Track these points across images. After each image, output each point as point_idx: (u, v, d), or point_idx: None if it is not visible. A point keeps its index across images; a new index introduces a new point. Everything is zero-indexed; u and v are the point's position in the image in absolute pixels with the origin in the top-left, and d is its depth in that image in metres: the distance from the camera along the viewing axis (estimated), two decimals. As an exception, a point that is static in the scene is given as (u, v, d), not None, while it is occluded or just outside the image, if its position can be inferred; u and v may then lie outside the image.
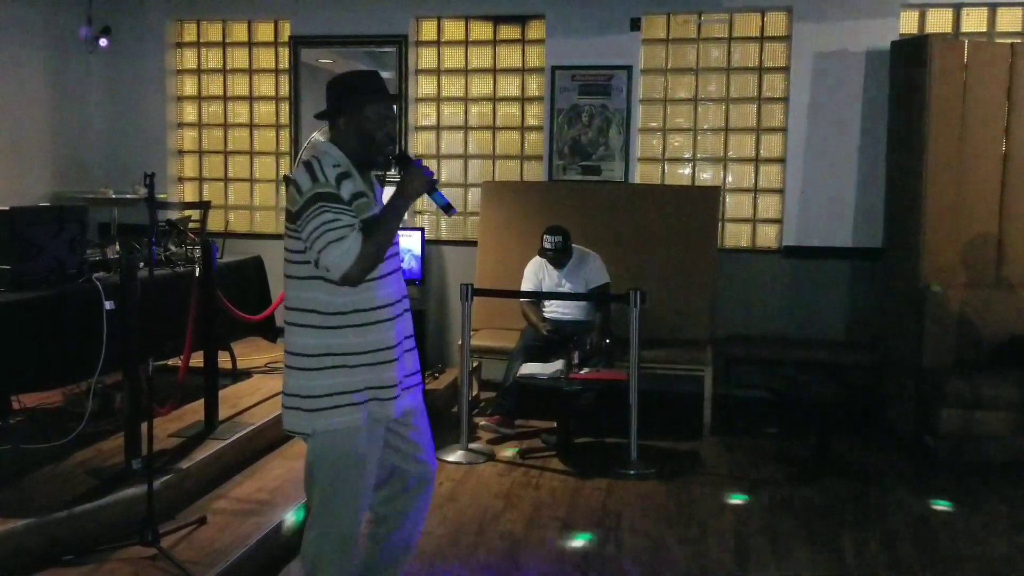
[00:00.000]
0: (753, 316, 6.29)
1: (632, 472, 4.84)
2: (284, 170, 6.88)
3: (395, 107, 2.66)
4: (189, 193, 7.20)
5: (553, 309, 5.66)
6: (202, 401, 4.56)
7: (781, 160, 6.34)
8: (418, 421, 2.82)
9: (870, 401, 5.80)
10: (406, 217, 3.08)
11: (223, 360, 5.00)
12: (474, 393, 5.93)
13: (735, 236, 6.47)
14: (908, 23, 6.11)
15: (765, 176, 6.41)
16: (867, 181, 6.13)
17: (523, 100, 6.70)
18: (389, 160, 2.66)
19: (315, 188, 2.48)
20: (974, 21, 6.05)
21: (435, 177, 2.64)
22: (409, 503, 2.83)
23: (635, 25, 6.34)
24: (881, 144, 6.04)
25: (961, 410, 5.07)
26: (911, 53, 5.64)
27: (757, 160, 6.41)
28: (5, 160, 6.22)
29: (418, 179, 2.59)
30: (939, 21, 6.10)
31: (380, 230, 2.50)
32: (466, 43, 6.73)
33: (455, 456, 5.00)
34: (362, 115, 2.57)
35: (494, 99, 6.74)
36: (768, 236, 6.43)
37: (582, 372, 5.10)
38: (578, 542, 3.97)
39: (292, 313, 2.62)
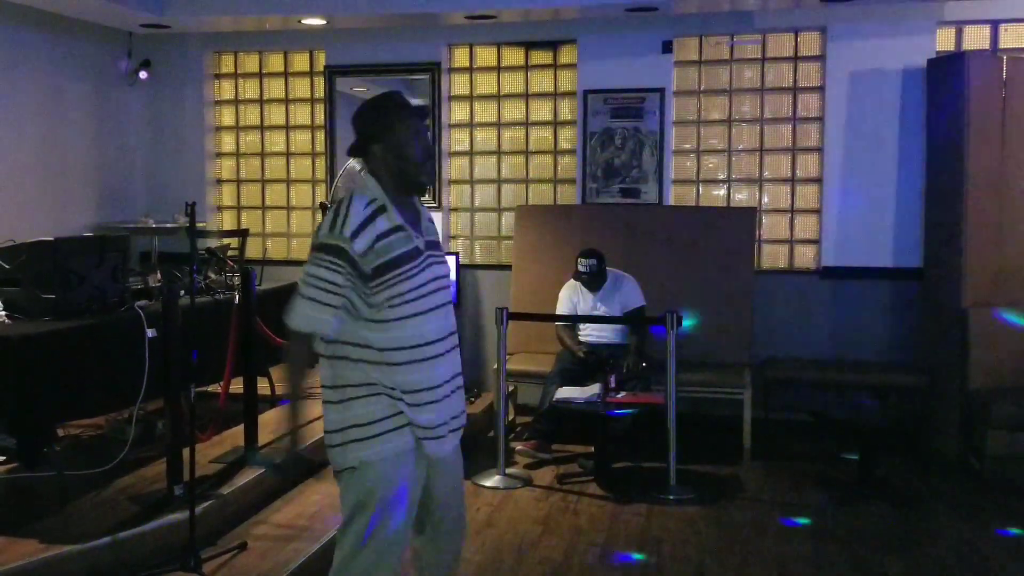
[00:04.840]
0: (792, 338, 6.22)
1: (671, 497, 4.79)
2: (320, 197, 6.95)
3: (426, 121, 2.56)
4: (227, 221, 7.30)
5: (589, 332, 5.64)
6: (242, 427, 4.59)
7: (818, 180, 6.28)
8: (455, 470, 2.72)
9: (913, 424, 5.69)
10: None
11: (262, 386, 5.04)
12: (510, 418, 5.91)
13: (772, 257, 6.42)
14: (945, 40, 6.05)
15: (802, 196, 6.36)
16: (906, 200, 6.05)
17: (556, 124, 6.73)
18: (433, 176, 2.59)
19: (326, 238, 2.42)
20: (1012, 37, 5.98)
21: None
22: (440, 554, 2.73)
23: (667, 48, 6.35)
24: (919, 163, 5.97)
25: (1008, 432, 4.97)
26: (948, 70, 5.59)
27: (793, 180, 6.37)
28: (49, 191, 6.35)
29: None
30: (976, 37, 6.03)
31: (293, 363, 2.50)
32: (498, 69, 6.78)
33: (492, 481, 4.98)
34: (394, 135, 2.48)
35: (527, 124, 6.77)
36: (806, 256, 6.37)
37: (619, 396, 5.07)
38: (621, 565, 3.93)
39: (324, 345, 2.52)
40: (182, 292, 4.01)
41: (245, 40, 7.07)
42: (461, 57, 6.82)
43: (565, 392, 5.19)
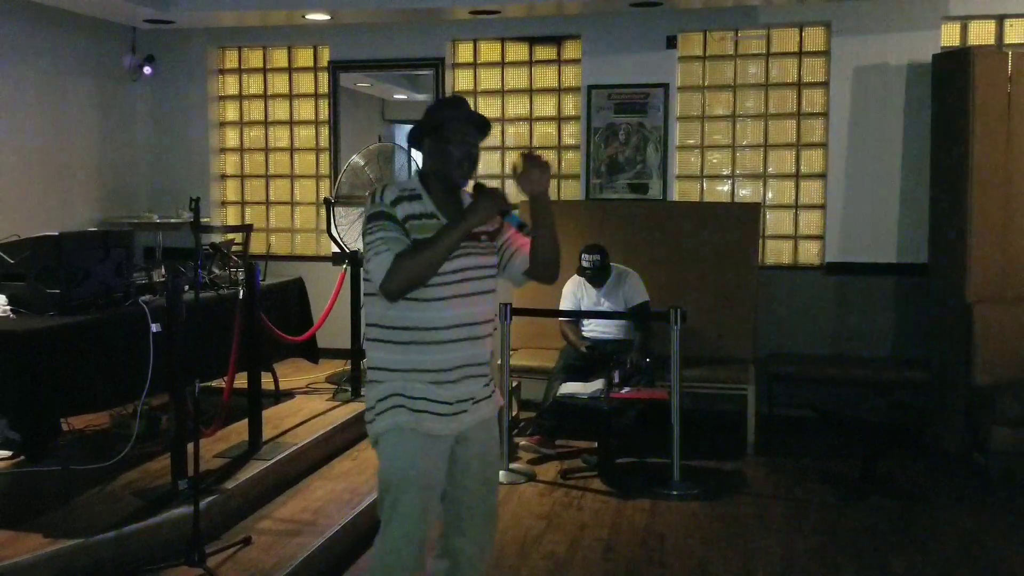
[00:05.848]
0: (796, 334, 6.22)
1: (675, 492, 4.78)
2: (324, 193, 6.96)
3: (477, 133, 2.69)
4: (231, 217, 7.31)
5: (592, 328, 5.64)
6: (246, 422, 4.60)
7: (822, 175, 6.27)
8: (486, 457, 2.76)
9: (918, 419, 5.68)
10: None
11: (266, 381, 5.04)
12: (514, 413, 5.91)
13: (776, 253, 6.41)
14: (950, 36, 6.03)
15: (806, 192, 6.35)
16: (911, 196, 6.04)
17: (559, 119, 6.72)
18: (466, 178, 2.68)
19: (370, 210, 2.60)
20: (1018, 32, 5.95)
21: (509, 202, 2.70)
22: (472, 545, 2.78)
23: (671, 43, 6.34)
24: (924, 158, 5.96)
25: (1012, 428, 4.96)
26: (953, 66, 5.57)
27: (798, 176, 6.35)
28: (53, 186, 6.36)
29: (487, 200, 2.63)
30: (982, 33, 6.01)
31: (427, 246, 2.51)
32: (502, 64, 6.78)
33: (496, 476, 4.98)
34: (441, 134, 2.65)
35: (531, 119, 6.77)
36: (810, 252, 6.36)
37: (623, 391, 5.07)
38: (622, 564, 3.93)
39: (366, 328, 2.71)
40: (186, 287, 4.01)
41: (249, 35, 7.07)
42: (465, 52, 6.82)
43: (569, 388, 5.19)
